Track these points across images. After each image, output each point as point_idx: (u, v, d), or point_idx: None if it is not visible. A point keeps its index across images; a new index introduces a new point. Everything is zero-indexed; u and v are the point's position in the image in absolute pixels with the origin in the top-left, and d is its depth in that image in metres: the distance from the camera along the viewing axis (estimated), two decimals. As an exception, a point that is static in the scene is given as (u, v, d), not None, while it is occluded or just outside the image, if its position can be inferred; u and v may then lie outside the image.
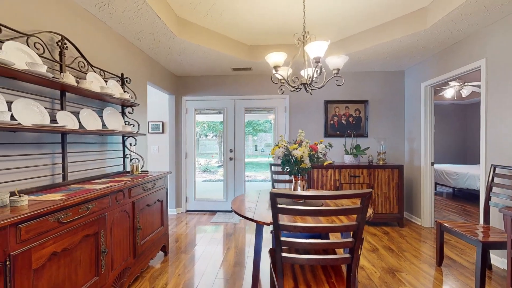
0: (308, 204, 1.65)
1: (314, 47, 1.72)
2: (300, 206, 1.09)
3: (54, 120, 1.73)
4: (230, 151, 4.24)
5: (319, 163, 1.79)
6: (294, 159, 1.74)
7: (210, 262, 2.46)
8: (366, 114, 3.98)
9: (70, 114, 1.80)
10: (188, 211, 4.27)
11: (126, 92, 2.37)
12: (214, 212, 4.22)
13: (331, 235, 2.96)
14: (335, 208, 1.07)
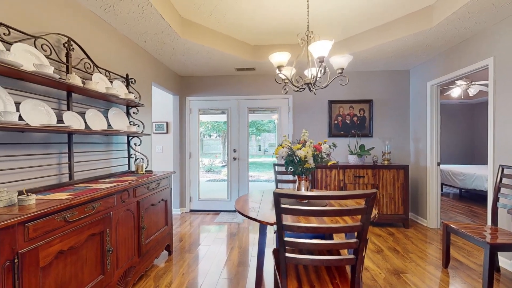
0: (312, 205, 1.64)
1: (318, 47, 1.71)
2: (304, 207, 1.08)
3: (60, 120, 1.76)
4: (234, 151, 4.24)
5: (323, 163, 1.78)
6: (298, 159, 1.74)
7: (214, 262, 2.47)
8: (370, 113, 3.94)
9: (76, 115, 1.83)
10: (192, 211, 4.29)
11: (131, 93, 2.39)
12: (218, 212, 4.24)
13: (335, 235, 2.94)
14: (339, 208, 1.06)
